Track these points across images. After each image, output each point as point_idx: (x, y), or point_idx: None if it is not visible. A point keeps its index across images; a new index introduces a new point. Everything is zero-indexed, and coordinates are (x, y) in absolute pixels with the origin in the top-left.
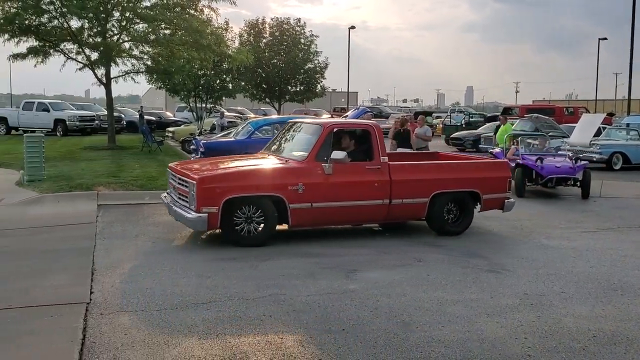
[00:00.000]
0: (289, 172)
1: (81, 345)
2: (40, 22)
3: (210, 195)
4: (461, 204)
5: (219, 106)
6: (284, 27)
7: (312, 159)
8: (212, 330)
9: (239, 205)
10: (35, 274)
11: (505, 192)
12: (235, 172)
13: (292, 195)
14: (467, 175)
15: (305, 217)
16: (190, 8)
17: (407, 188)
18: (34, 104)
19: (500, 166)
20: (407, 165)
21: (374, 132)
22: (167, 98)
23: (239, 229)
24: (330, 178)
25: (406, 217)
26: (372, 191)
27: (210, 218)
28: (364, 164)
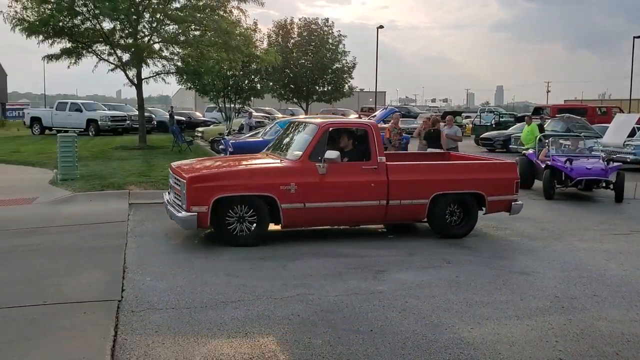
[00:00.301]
0: (281, 171)
1: (113, 341)
2: (74, 23)
3: (200, 195)
4: (464, 205)
5: (247, 106)
6: (312, 27)
7: (305, 158)
8: (241, 328)
9: (231, 204)
10: (68, 271)
11: (512, 194)
12: (225, 171)
13: (284, 195)
14: (469, 176)
15: (298, 217)
16: (219, 9)
17: (406, 189)
18: (67, 105)
19: (507, 167)
20: (405, 166)
21: (372, 132)
22: (197, 98)
23: (232, 228)
24: (324, 178)
25: (406, 218)
26: (368, 192)
27: (200, 217)
28: (360, 164)
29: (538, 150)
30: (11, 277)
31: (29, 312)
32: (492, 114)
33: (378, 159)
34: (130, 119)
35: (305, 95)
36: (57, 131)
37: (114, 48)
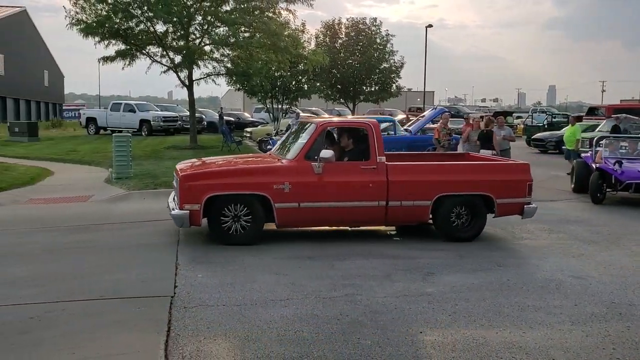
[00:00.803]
0: (275, 171)
1: (166, 337)
2: (129, 25)
3: (193, 193)
4: (472, 208)
5: (294, 107)
6: (359, 27)
7: (301, 158)
8: (290, 327)
9: (225, 203)
10: (123, 267)
11: (524, 196)
12: (218, 170)
13: (278, 195)
14: (477, 177)
15: (293, 216)
16: (268, 11)
17: (406, 190)
18: (121, 105)
19: (519, 168)
20: (406, 166)
21: (372, 131)
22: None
23: (227, 227)
24: (320, 178)
25: (407, 220)
26: (366, 192)
27: (192, 215)
28: (359, 163)
29: (595, 153)
30: (69, 271)
31: (86, 305)
32: (544, 114)
33: (377, 158)
34: (181, 120)
35: (352, 95)
36: (112, 131)
37: (166, 50)
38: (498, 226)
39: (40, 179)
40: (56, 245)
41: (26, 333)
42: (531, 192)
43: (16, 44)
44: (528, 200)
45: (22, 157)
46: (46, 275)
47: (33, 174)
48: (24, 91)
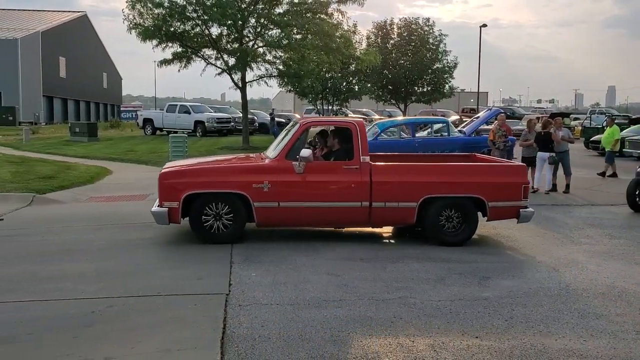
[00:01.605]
0: (254, 170)
1: (222, 334)
2: (185, 29)
3: (171, 191)
4: (463, 211)
5: (344, 108)
6: (412, 27)
7: (282, 157)
8: (344, 328)
9: (206, 202)
10: (180, 264)
11: (519, 199)
12: (196, 169)
13: (257, 194)
14: (466, 179)
15: (273, 216)
16: (320, 12)
17: (390, 191)
18: (176, 107)
19: (513, 170)
20: (391, 166)
21: (356, 131)
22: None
23: (208, 225)
24: (301, 177)
25: (393, 222)
26: (348, 192)
27: (171, 213)
28: (342, 163)
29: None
30: (128, 268)
31: (145, 302)
32: (603, 116)
33: (361, 158)
34: (234, 121)
35: (403, 96)
36: (167, 132)
37: (220, 53)
38: (556, 230)
39: (100, 178)
40: (115, 242)
41: (89, 326)
42: (527, 195)
43: (77, 48)
44: (524, 204)
45: (83, 156)
46: (107, 271)
47: (93, 173)
48: (84, 93)
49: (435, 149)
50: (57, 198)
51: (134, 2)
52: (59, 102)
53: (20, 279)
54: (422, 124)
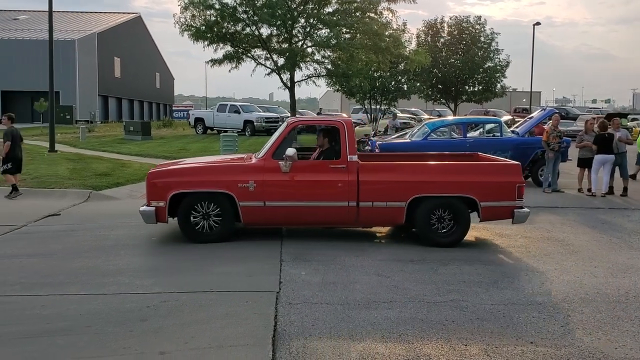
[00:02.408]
0: (240, 169)
1: (274, 331)
2: (235, 29)
3: (158, 190)
4: (455, 211)
5: (392, 107)
6: (462, 25)
7: (268, 156)
8: (395, 329)
9: (195, 201)
10: (230, 261)
11: (513, 200)
12: (182, 168)
13: (243, 193)
14: (457, 178)
15: (259, 215)
16: (370, 12)
17: (378, 190)
18: (226, 107)
19: (508, 169)
20: (379, 165)
21: (343, 130)
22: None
23: (196, 225)
24: (286, 176)
25: (381, 222)
26: (335, 192)
27: (158, 212)
28: (329, 162)
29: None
30: (181, 264)
31: (198, 297)
32: None
33: (348, 157)
34: (282, 120)
35: (453, 95)
36: (218, 131)
37: (270, 53)
38: (613, 235)
39: None
40: (168, 238)
41: (144, 321)
42: (522, 195)
43: (131, 48)
44: (519, 204)
45: (136, 154)
46: (160, 266)
47: (147, 171)
48: (138, 93)
49: (487, 149)
50: (113, 195)
51: (186, 4)
52: (113, 102)
53: (79, 273)
54: (474, 124)
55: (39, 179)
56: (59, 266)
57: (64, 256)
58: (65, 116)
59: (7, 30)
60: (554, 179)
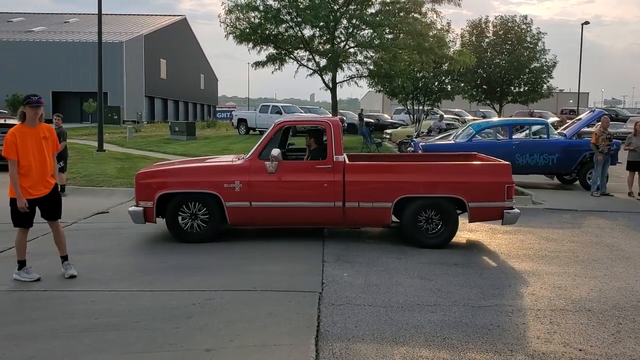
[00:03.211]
0: (226, 170)
1: (316, 332)
2: (279, 31)
3: (145, 190)
4: (443, 212)
5: (436, 108)
6: (508, 25)
7: (255, 157)
8: (439, 333)
9: (182, 201)
10: (273, 260)
11: (502, 200)
12: (169, 169)
13: (228, 193)
14: (444, 178)
15: (244, 216)
16: (414, 12)
17: (364, 190)
18: (269, 107)
19: (496, 170)
20: (365, 165)
21: (330, 130)
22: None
23: (183, 225)
24: (273, 177)
25: (368, 222)
26: (321, 192)
27: (146, 212)
28: (315, 162)
29: None
30: (224, 262)
31: (242, 296)
32: None
33: (334, 157)
34: None
35: (498, 96)
36: (260, 131)
37: (312, 54)
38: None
39: None
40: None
41: (190, 318)
42: (512, 196)
43: (177, 50)
44: (509, 205)
45: (181, 154)
46: (205, 264)
47: None
48: (183, 94)
49: (533, 151)
50: None
51: (231, 8)
52: (159, 102)
53: (126, 269)
54: (520, 126)
55: (88, 177)
56: (107, 263)
57: (112, 253)
58: (113, 116)
59: (58, 33)
60: (602, 183)
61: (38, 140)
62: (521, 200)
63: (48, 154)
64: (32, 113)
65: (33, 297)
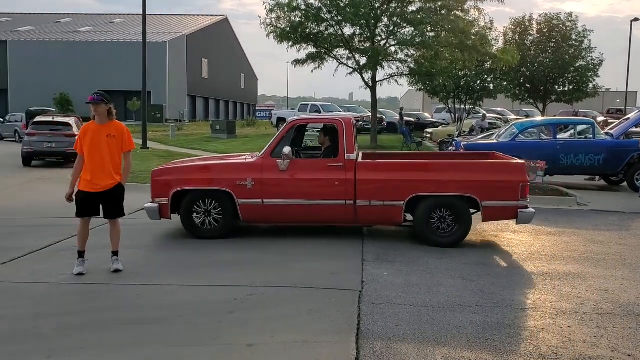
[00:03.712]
0: (239, 167)
1: (357, 329)
2: (319, 30)
3: (161, 187)
4: (455, 211)
5: (477, 107)
6: (553, 22)
7: (267, 155)
8: (481, 334)
9: (195, 198)
10: (312, 257)
11: (516, 199)
12: (184, 167)
13: (241, 191)
14: (457, 177)
15: (257, 213)
16: (456, 9)
17: (375, 189)
18: (307, 107)
19: (510, 168)
20: (376, 164)
21: (341, 128)
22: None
23: (197, 221)
24: (284, 175)
25: (379, 221)
26: (332, 190)
27: (161, 208)
28: (327, 161)
29: None
30: (265, 259)
31: (282, 292)
32: None
33: (345, 156)
34: (362, 120)
35: (542, 95)
36: None
37: (352, 52)
38: None
39: None
40: (252, 233)
41: (232, 313)
42: (526, 195)
43: (218, 50)
44: (523, 204)
45: (222, 152)
46: (246, 260)
47: None
48: (224, 93)
49: (578, 152)
50: None
51: (272, 7)
52: (201, 101)
53: (169, 264)
54: (564, 125)
55: (132, 174)
56: (151, 258)
57: (156, 248)
58: (156, 115)
59: (104, 33)
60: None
61: (102, 137)
62: (565, 202)
63: (110, 152)
64: (92, 110)
65: (81, 290)
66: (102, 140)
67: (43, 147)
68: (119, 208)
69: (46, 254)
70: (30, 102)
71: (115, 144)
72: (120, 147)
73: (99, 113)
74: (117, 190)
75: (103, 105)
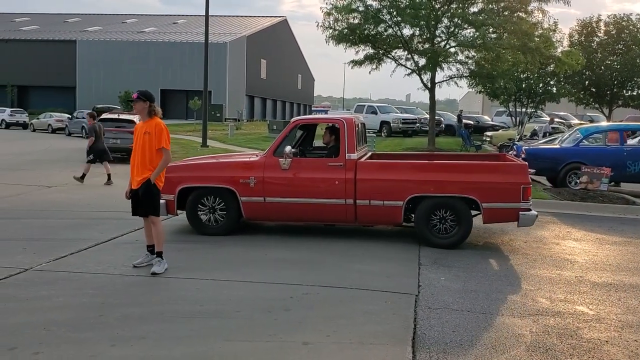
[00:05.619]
0: (242, 166)
1: (413, 333)
2: (377, 31)
3: (167, 184)
4: (456, 212)
5: (539, 111)
6: (622, 24)
7: (270, 154)
8: (541, 343)
9: (200, 195)
10: (368, 260)
11: (518, 201)
12: (190, 164)
13: (244, 189)
14: (457, 178)
15: (259, 210)
16: (519, 11)
17: (375, 188)
18: (364, 107)
19: (512, 169)
20: (377, 164)
21: (343, 128)
22: (484, 102)
23: (202, 217)
24: (286, 173)
25: (379, 221)
26: (332, 189)
27: (168, 204)
28: (327, 160)
29: None
30: (321, 259)
31: (338, 293)
32: None
33: (346, 155)
34: (419, 122)
35: (608, 99)
36: None
37: (411, 53)
38: None
39: None
40: (309, 232)
41: (288, 310)
42: (528, 197)
43: (276, 51)
44: (525, 206)
45: None
46: (302, 259)
47: None
48: (281, 93)
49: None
50: None
51: (329, 10)
52: (259, 101)
53: (227, 260)
54: (632, 131)
55: None
56: (210, 253)
57: (214, 244)
58: (216, 114)
59: (167, 34)
60: None
61: (140, 135)
62: (632, 211)
63: (143, 149)
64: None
65: (142, 282)
66: (140, 137)
67: (108, 143)
68: (146, 205)
69: (110, 246)
70: (96, 99)
71: (150, 141)
72: (154, 145)
73: (138, 110)
74: (143, 187)
75: (141, 102)
